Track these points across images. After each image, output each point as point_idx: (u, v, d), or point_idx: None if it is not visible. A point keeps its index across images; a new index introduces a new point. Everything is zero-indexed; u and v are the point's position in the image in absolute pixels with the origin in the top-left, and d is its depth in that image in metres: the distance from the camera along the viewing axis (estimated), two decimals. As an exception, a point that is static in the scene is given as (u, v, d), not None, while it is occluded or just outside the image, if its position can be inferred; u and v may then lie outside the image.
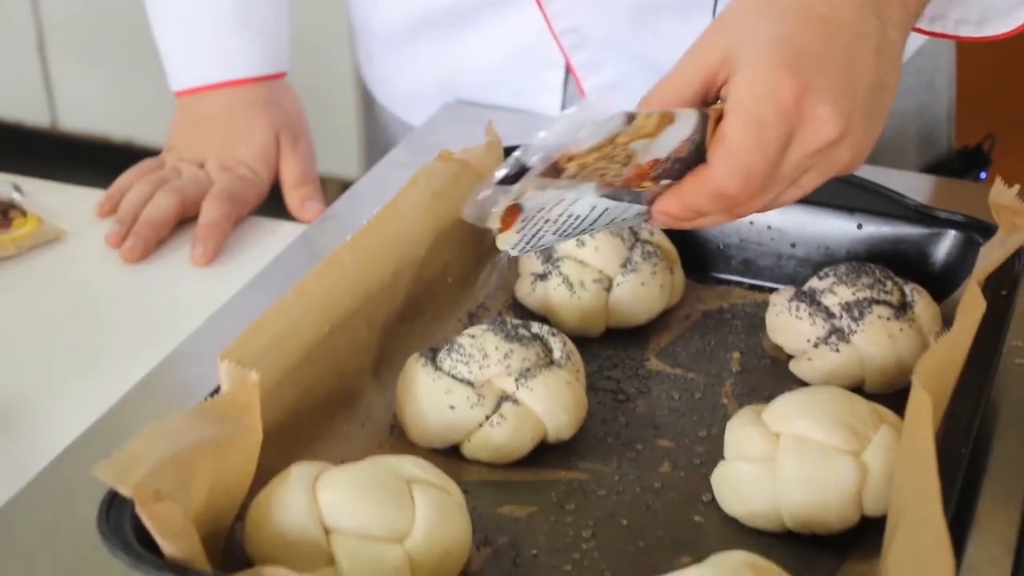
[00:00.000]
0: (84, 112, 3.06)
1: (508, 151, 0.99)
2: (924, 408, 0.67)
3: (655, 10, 1.17)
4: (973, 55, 1.34)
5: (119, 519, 0.68)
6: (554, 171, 0.71)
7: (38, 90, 3.07)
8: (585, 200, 0.74)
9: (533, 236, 0.76)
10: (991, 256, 0.83)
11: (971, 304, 0.76)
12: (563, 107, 1.23)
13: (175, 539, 0.66)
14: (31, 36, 3.00)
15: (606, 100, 0.69)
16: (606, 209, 0.76)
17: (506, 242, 0.76)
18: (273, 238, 1.16)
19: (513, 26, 1.22)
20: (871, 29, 0.77)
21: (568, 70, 1.22)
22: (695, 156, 0.75)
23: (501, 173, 0.70)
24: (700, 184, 0.75)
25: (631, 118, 0.70)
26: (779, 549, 0.74)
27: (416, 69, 1.30)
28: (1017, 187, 0.86)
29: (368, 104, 1.41)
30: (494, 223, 0.74)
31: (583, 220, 0.77)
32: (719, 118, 0.74)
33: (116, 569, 0.72)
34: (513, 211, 0.74)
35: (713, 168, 0.74)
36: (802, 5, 0.76)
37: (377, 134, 1.40)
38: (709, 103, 0.76)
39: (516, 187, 0.71)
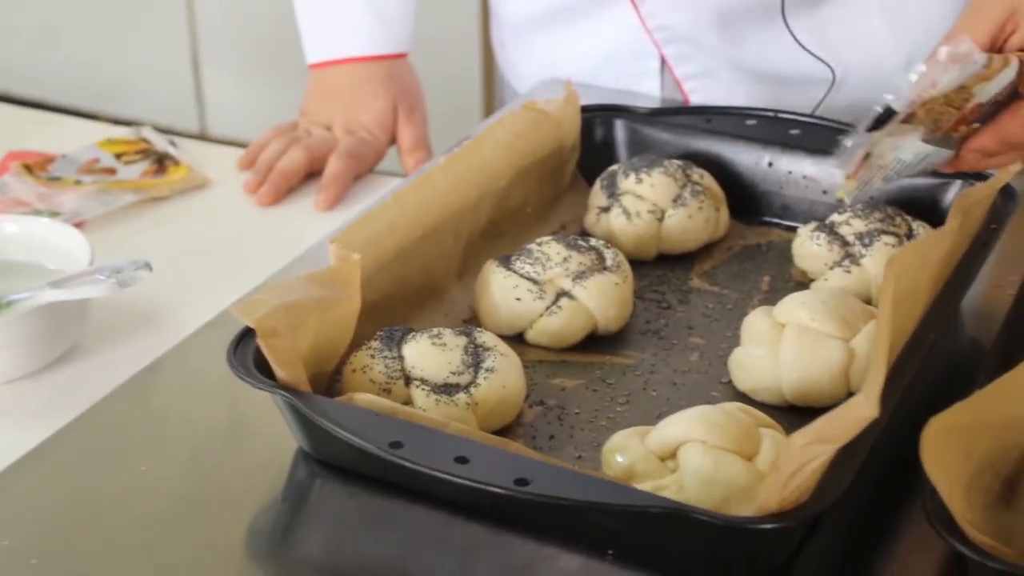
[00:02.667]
0: (232, 121, 3.29)
1: (584, 108, 1.17)
2: (889, 289, 0.82)
3: (733, 14, 1.34)
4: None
5: (244, 355, 0.86)
6: (909, 118, 0.83)
7: (190, 99, 3.30)
8: (911, 146, 0.87)
9: (867, 183, 0.89)
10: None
11: (951, 219, 0.91)
12: (661, 92, 1.40)
13: (287, 368, 0.84)
14: (186, 49, 3.24)
15: (966, 43, 0.82)
16: (927, 154, 0.88)
17: (846, 190, 0.89)
18: (387, 191, 1.34)
19: (615, 22, 1.39)
20: None
21: (663, 60, 1.39)
22: (1006, 99, 0.86)
23: (871, 119, 0.82)
24: (1019, 119, 0.87)
25: (989, 61, 0.83)
26: (779, 418, 0.89)
27: (537, 56, 1.47)
28: None
29: (502, 87, 1.59)
30: (850, 168, 0.86)
31: (906, 164, 0.88)
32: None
33: (241, 402, 0.91)
34: (861, 160, 0.86)
35: None
36: None
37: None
38: (995, 52, 0.86)
39: (878, 133, 0.83)
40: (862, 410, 0.71)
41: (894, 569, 0.82)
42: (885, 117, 0.82)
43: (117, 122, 3.15)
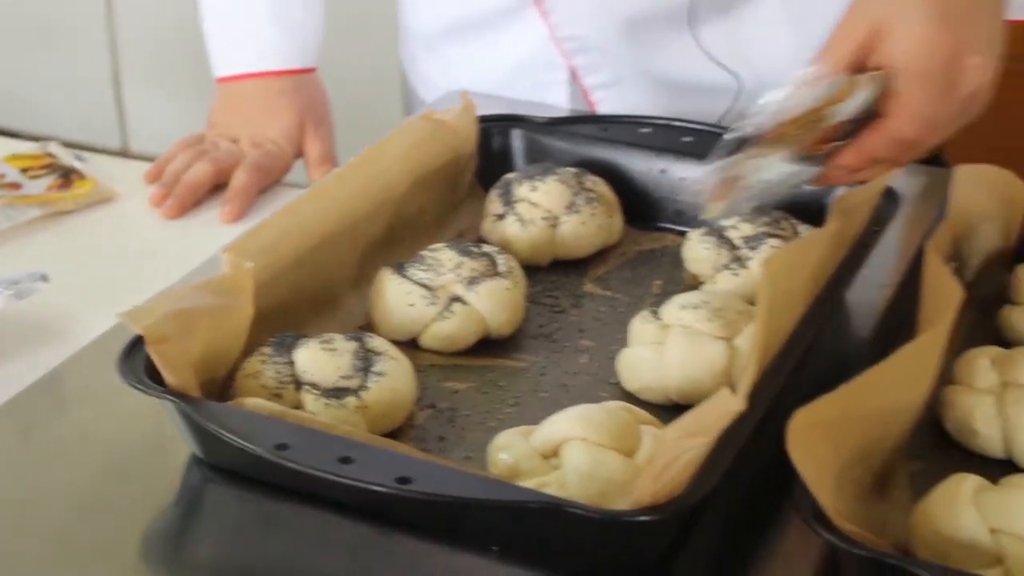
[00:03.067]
0: (153, 138, 3.28)
1: (482, 118, 1.19)
2: (766, 288, 0.84)
3: (641, 24, 1.36)
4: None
5: (134, 362, 0.87)
6: (764, 141, 0.86)
7: (111, 116, 3.29)
8: (775, 167, 0.89)
9: (732, 202, 0.91)
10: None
11: (830, 220, 0.94)
12: (571, 103, 1.42)
13: (176, 374, 0.85)
14: (107, 67, 3.23)
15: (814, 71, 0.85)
16: (793, 172, 0.91)
17: (712, 210, 0.91)
18: (294, 203, 1.35)
19: (524, 32, 1.41)
20: None
21: (571, 71, 1.41)
22: (866, 117, 0.88)
23: (726, 145, 0.85)
24: (879, 135, 0.89)
25: (837, 84, 0.85)
26: (665, 417, 0.91)
27: (448, 68, 1.49)
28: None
29: (413, 102, 1.61)
30: (708, 191, 0.89)
31: (773, 184, 0.91)
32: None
33: (138, 410, 0.92)
34: (720, 183, 0.89)
35: (892, 120, 0.88)
36: None
37: None
38: (859, 71, 0.88)
39: (736, 157, 0.86)
40: (730, 404, 0.73)
41: (774, 563, 0.84)
42: (738, 143, 0.85)
43: (38, 139, 3.13)
